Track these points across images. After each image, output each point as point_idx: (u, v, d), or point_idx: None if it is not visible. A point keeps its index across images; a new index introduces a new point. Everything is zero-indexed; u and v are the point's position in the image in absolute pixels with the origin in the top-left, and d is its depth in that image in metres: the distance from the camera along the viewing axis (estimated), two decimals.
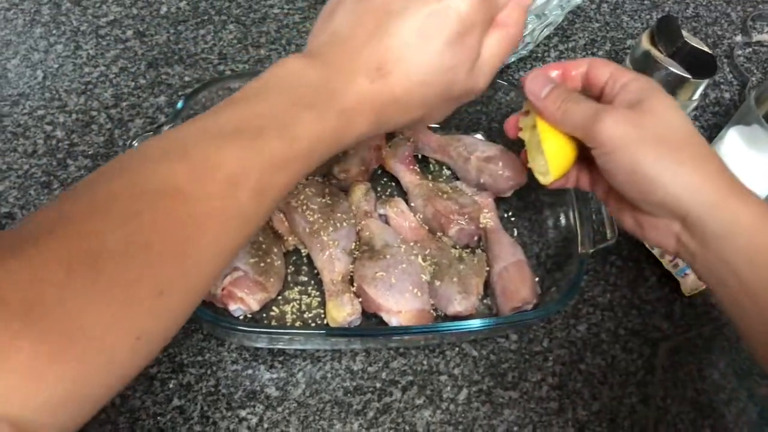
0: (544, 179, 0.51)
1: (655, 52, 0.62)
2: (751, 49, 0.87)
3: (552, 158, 0.49)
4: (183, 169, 0.34)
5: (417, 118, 0.44)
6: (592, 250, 0.57)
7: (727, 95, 0.82)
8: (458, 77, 0.43)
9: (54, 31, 0.73)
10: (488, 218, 0.62)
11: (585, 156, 0.49)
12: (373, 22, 0.41)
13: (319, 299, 0.58)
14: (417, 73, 0.41)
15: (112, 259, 0.30)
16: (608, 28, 0.86)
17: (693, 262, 0.45)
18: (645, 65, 0.63)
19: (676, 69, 0.62)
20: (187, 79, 0.71)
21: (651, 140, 0.43)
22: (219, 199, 0.34)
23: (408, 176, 0.65)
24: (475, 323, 0.54)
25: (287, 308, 0.58)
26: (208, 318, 0.50)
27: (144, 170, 0.33)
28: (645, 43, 0.63)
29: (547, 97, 0.48)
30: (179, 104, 0.57)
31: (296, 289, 0.59)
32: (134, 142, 0.55)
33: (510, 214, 0.66)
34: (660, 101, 0.45)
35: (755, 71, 0.85)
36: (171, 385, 0.54)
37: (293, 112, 0.38)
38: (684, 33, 0.63)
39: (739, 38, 0.88)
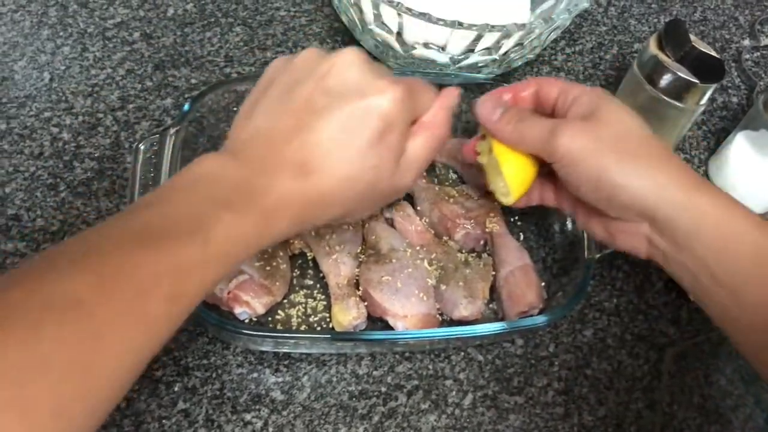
0: (506, 200, 0.53)
1: (662, 56, 0.62)
2: (759, 54, 0.87)
3: (511, 179, 0.50)
4: (88, 280, 0.32)
5: (339, 216, 0.44)
6: (598, 255, 0.56)
7: (734, 99, 0.81)
8: (382, 175, 0.43)
9: (61, 33, 0.73)
10: (494, 222, 0.62)
11: (546, 172, 0.50)
12: (296, 119, 0.41)
13: (324, 303, 0.58)
14: (341, 172, 0.41)
15: (6, 377, 0.27)
16: (615, 31, 0.86)
17: (666, 263, 0.46)
18: (652, 70, 0.63)
19: (683, 74, 0.61)
20: (193, 81, 0.71)
21: (610, 147, 0.44)
22: (126, 310, 0.32)
23: None
24: (481, 329, 0.54)
25: (293, 312, 0.57)
26: (213, 321, 0.50)
27: (47, 280, 0.31)
28: (652, 48, 0.63)
29: (500, 120, 0.49)
30: (186, 107, 0.57)
31: (302, 292, 0.59)
32: (140, 144, 0.55)
33: (516, 218, 0.66)
34: (613, 109, 0.46)
35: (763, 75, 0.84)
36: (176, 389, 0.54)
37: (209, 213, 0.37)
38: (692, 37, 0.62)
39: (747, 42, 0.88)
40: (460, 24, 0.60)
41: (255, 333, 0.52)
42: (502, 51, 0.65)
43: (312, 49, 0.45)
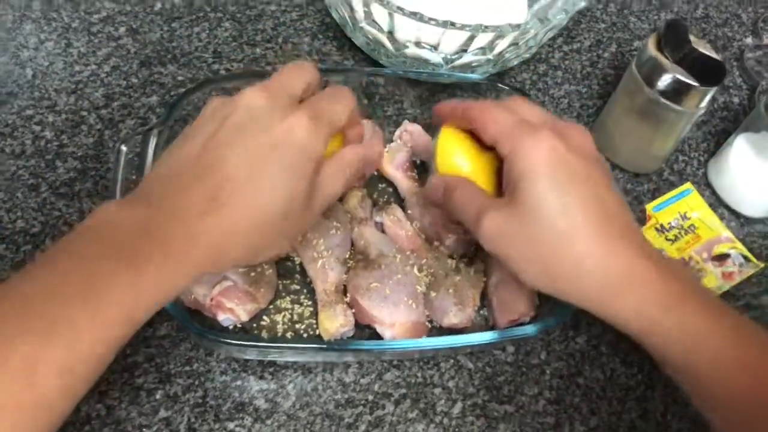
0: None
1: (661, 58, 0.60)
2: (761, 52, 0.85)
3: None
4: None
5: (254, 251, 0.43)
6: None
7: (736, 100, 0.80)
8: (294, 206, 0.42)
9: (45, 28, 0.72)
10: None
11: None
12: (202, 158, 0.40)
13: (311, 309, 0.57)
14: (253, 202, 0.40)
15: None
16: (615, 28, 0.84)
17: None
18: (651, 71, 0.61)
19: (682, 76, 0.60)
20: (180, 78, 0.70)
21: (525, 250, 0.44)
22: (13, 389, 0.31)
23: (405, 182, 0.63)
24: (470, 339, 0.52)
25: (278, 318, 0.56)
26: (195, 330, 0.48)
27: None
28: (651, 49, 0.61)
29: (433, 186, 0.51)
30: (169, 106, 0.55)
31: (288, 298, 0.57)
32: (122, 145, 0.53)
33: None
34: (531, 188, 0.42)
35: (766, 75, 0.83)
36: (158, 396, 0.53)
37: (102, 273, 0.35)
38: (692, 38, 0.61)
39: (749, 40, 0.86)
40: (453, 24, 0.58)
41: (237, 343, 0.50)
42: (496, 51, 0.63)
43: (216, 98, 0.45)
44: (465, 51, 0.63)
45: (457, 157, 0.50)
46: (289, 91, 0.44)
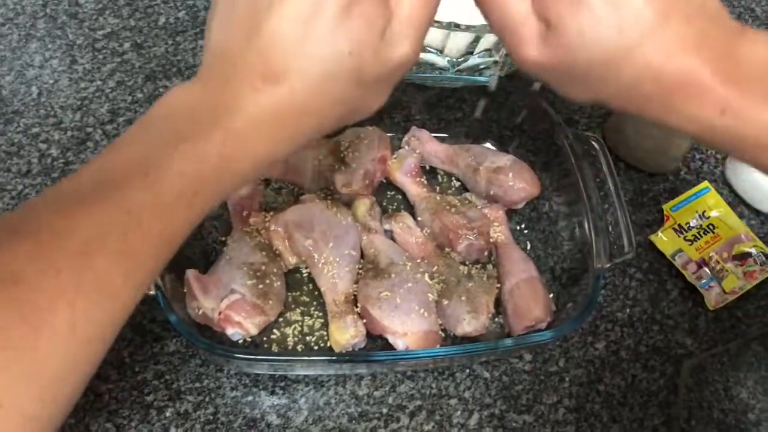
0: None
1: None
2: None
3: None
4: (27, 248, 0.28)
5: (337, 119, 0.37)
6: (608, 264, 0.53)
7: None
8: (364, 57, 0.35)
9: (50, 46, 0.72)
10: (499, 232, 0.59)
11: None
12: (243, 26, 0.34)
13: (322, 320, 0.56)
14: (312, 69, 0.34)
15: None
16: None
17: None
18: None
19: None
20: None
21: (571, 77, 0.37)
22: (70, 273, 0.29)
23: (414, 189, 0.62)
24: (485, 346, 0.51)
25: (288, 330, 0.55)
26: (204, 345, 0.48)
27: None
28: None
29: None
30: None
31: (298, 310, 0.56)
32: None
33: (523, 226, 0.63)
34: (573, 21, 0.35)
35: None
36: (168, 414, 0.52)
37: (163, 150, 0.32)
38: None
39: None
40: (457, 26, 0.57)
41: (247, 356, 0.49)
42: (503, 52, 0.62)
43: None
44: (471, 53, 0.61)
45: None
46: None
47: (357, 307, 0.55)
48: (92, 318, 0.29)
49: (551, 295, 0.57)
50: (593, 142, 0.58)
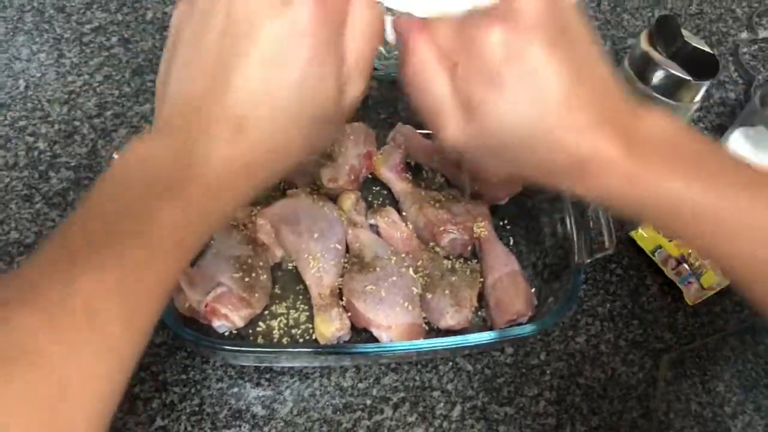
0: None
1: (653, 53, 0.60)
2: (757, 47, 0.85)
3: None
4: (38, 320, 0.28)
5: (298, 157, 0.39)
6: (588, 260, 0.54)
7: (732, 95, 0.79)
8: (327, 98, 0.37)
9: (37, 39, 0.72)
10: (482, 227, 0.60)
11: None
12: (212, 77, 0.36)
13: (307, 314, 0.56)
14: (281, 114, 0.36)
15: None
16: (609, 26, 0.84)
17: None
18: (643, 67, 0.61)
19: (675, 70, 0.59)
20: None
21: (488, 154, 0.41)
22: (78, 336, 0.29)
23: (399, 184, 0.63)
24: (467, 339, 0.52)
25: (274, 323, 0.56)
26: (190, 337, 0.48)
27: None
28: (643, 44, 0.61)
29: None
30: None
31: (283, 303, 0.57)
32: (114, 154, 0.53)
33: (506, 221, 0.64)
34: (489, 108, 0.38)
35: (762, 69, 0.82)
36: (154, 405, 0.52)
37: (148, 205, 0.33)
38: (684, 32, 0.60)
39: (744, 35, 0.86)
40: None
41: (233, 348, 0.50)
42: None
43: None
44: None
45: None
46: None
47: (342, 300, 0.56)
48: (106, 375, 0.30)
49: (533, 290, 0.58)
50: None
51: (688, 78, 0.59)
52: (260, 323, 0.56)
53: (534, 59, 0.37)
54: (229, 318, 0.53)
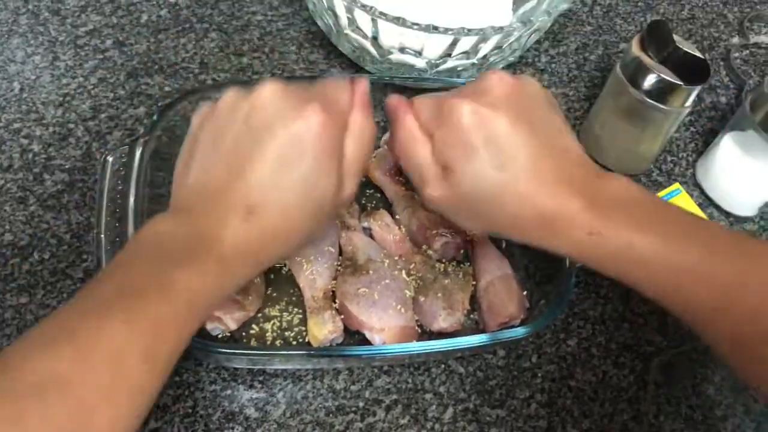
0: None
1: (645, 58, 0.60)
2: (748, 52, 0.85)
3: None
4: (67, 354, 0.33)
5: (295, 246, 0.45)
6: (580, 264, 0.55)
7: (723, 99, 0.80)
8: (327, 194, 0.43)
9: (32, 42, 0.72)
10: None
11: None
12: (228, 166, 0.42)
13: (300, 316, 0.57)
14: (287, 203, 0.42)
15: None
16: (601, 31, 0.84)
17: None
18: (635, 72, 0.61)
19: (667, 75, 0.60)
20: (167, 89, 0.70)
21: (465, 212, 0.47)
22: (107, 377, 0.33)
23: (393, 187, 0.63)
24: (460, 342, 0.52)
25: (267, 326, 0.56)
26: None
27: (29, 361, 0.32)
28: (635, 49, 0.61)
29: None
30: (155, 116, 0.55)
31: (277, 306, 0.57)
32: (108, 156, 0.54)
33: None
34: (462, 170, 0.45)
35: (752, 74, 0.83)
36: None
37: (170, 270, 0.38)
38: (676, 37, 0.61)
39: (735, 40, 0.86)
40: (435, 28, 0.58)
41: (226, 351, 0.50)
42: (480, 54, 0.63)
43: (232, 90, 0.45)
44: (449, 56, 0.63)
45: None
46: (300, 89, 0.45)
47: (335, 303, 0.56)
48: (125, 414, 0.34)
49: (525, 293, 0.58)
50: None
51: (680, 83, 0.60)
52: (253, 326, 0.56)
53: (500, 127, 0.43)
54: (222, 321, 0.53)
